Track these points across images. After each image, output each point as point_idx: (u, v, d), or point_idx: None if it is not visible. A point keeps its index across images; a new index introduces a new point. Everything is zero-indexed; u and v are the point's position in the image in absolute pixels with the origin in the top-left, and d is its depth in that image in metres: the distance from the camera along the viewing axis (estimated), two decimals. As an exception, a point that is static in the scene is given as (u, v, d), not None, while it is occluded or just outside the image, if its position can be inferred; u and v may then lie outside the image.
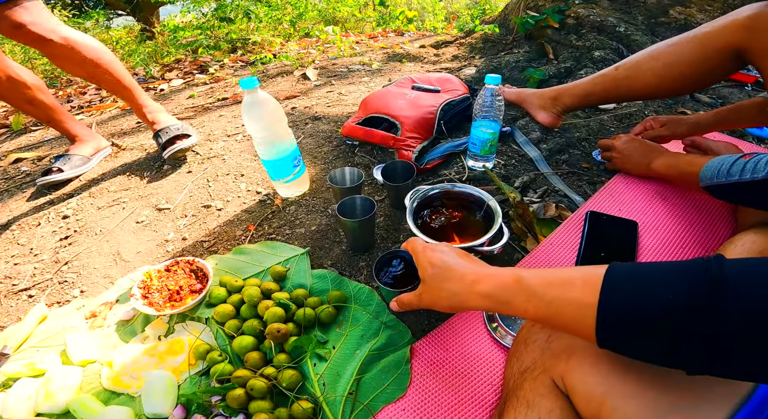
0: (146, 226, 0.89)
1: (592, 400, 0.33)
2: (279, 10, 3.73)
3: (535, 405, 0.36)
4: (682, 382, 0.32)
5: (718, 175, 0.60)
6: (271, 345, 0.57)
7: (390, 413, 0.51)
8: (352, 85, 1.60)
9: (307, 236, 0.78)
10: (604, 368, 0.34)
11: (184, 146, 1.08)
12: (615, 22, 1.63)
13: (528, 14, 1.82)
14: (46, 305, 0.72)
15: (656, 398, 0.31)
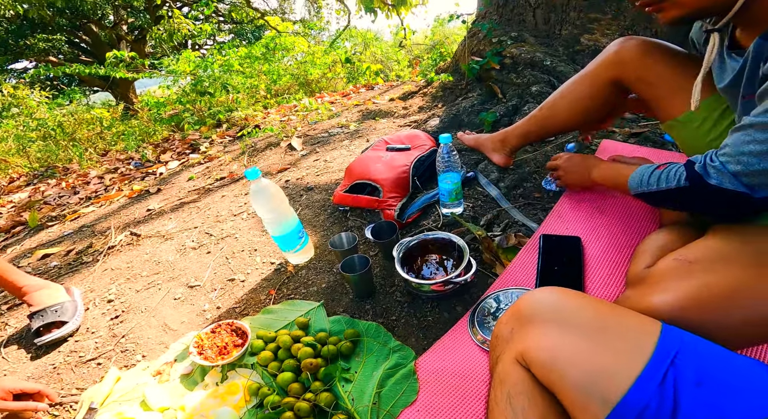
0: (183, 301, 1.13)
1: (544, 368, 0.49)
2: (254, 78, 4.21)
3: (506, 379, 0.54)
4: (608, 346, 0.47)
5: (641, 184, 0.73)
6: (308, 375, 0.79)
7: (407, 414, 0.73)
8: (335, 150, 1.93)
9: (319, 292, 1.03)
10: (550, 344, 0.51)
11: (59, 336, 1.05)
12: (542, 57, 2.01)
13: (473, 60, 2.22)
14: (118, 369, 0.94)
15: (587, 360, 0.47)
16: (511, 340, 0.55)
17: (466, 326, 0.84)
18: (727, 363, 0.44)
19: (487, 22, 2.20)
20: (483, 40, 2.26)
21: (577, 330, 0.50)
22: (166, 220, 1.65)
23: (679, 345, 0.45)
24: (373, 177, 1.29)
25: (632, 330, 0.48)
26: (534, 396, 0.50)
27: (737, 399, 0.41)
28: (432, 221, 1.17)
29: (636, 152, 1.32)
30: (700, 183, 0.62)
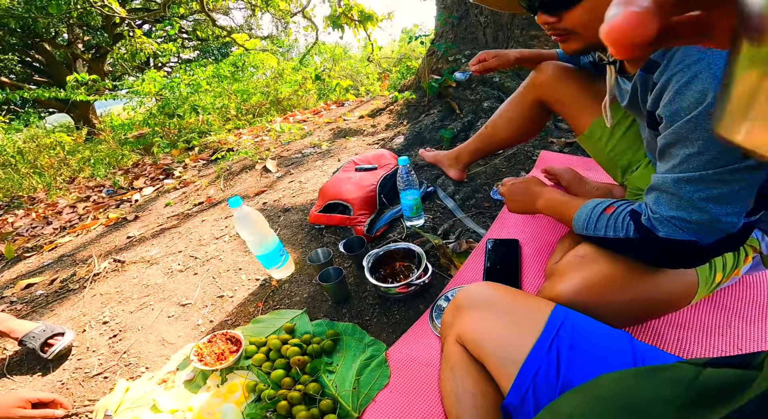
0: (177, 318, 1.28)
1: (473, 343, 0.64)
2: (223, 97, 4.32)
3: (449, 356, 0.72)
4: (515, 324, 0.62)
5: (587, 228, 0.74)
6: (297, 370, 0.97)
7: (382, 395, 0.92)
8: (309, 171, 2.12)
9: (302, 301, 1.21)
10: (476, 326, 0.68)
11: (66, 345, 1.19)
12: (492, 74, 2.27)
13: (433, 78, 2.48)
14: (125, 380, 1.08)
15: (501, 336, 0.65)
16: (452, 325, 0.73)
17: (427, 320, 1.05)
18: (595, 332, 0.59)
19: (443, 42, 2.47)
20: (441, 59, 2.53)
21: (495, 313, 0.67)
22: (148, 246, 1.78)
23: (562, 319, 0.61)
24: (344, 197, 1.49)
25: (533, 311, 0.64)
26: (469, 367, 0.68)
27: (598, 358, 0.55)
28: (397, 234, 1.38)
29: (567, 161, 1.58)
30: (649, 236, 0.63)
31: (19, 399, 0.93)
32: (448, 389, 0.69)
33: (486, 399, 0.64)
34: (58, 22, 7.25)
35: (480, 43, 2.51)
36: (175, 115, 3.78)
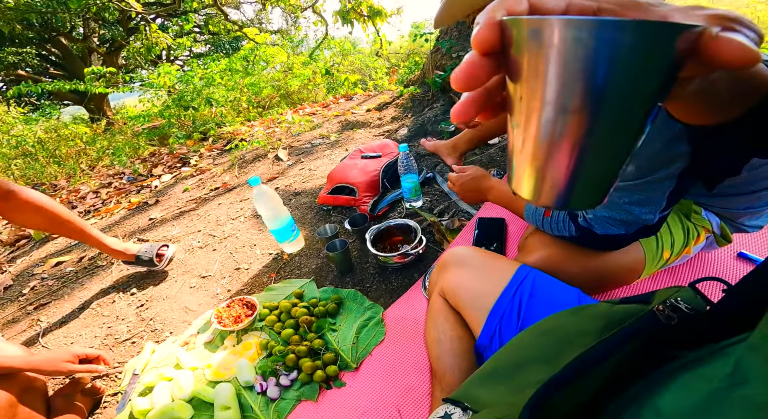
0: (198, 289, 1.44)
1: (451, 294, 0.77)
2: (236, 91, 4.48)
3: (432, 307, 0.86)
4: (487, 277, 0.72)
5: (536, 225, 0.87)
6: (305, 328, 1.12)
7: (378, 350, 1.06)
8: (318, 160, 2.26)
9: (310, 272, 1.36)
10: (455, 279, 0.81)
11: (173, 252, 1.53)
12: None
13: (437, 73, 2.60)
14: (153, 343, 1.24)
15: (474, 286, 0.78)
16: (437, 282, 0.87)
17: (420, 286, 1.18)
18: (551, 285, 0.69)
19: (447, 41, 2.58)
20: (445, 56, 2.65)
21: (472, 269, 0.80)
22: (169, 226, 1.94)
23: (526, 274, 0.71)
24: (350, 181, 1.63)
25: (502, 267, 0.75)
26: (447, 315, 0.81)
27: (550, 304, 0.65)
28: (397, 214, 1.52)
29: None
30: (589, 233, 0.76)
31: (70, 353, 1.03)
32: (430, 334, 0.81)
33: (461, 341, 0.76)
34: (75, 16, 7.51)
35: None
36: (190, 107, 3.96)
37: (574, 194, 0.21)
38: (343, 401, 0.96)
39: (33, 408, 0.92)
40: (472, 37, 0.21)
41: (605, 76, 0.17)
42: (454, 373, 0.71)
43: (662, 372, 0.34)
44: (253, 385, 1.02)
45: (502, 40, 0.20)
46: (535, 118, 0.20)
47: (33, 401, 0.95)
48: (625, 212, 0.70)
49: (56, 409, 1.00)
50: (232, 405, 0.96)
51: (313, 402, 0.97)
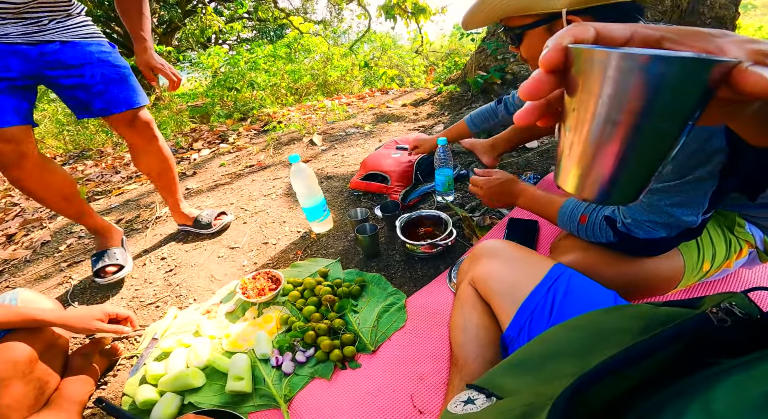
0: (225, 259, 1.46)
1: (482, 283, 0.77)
2: (276, 76, 4.56)
3: (461, 295, 0.84)
4: (521, 270, 0.72)
5: (571, 232, 0.86)
6: (327, 306, 1.11)
7: (397, 335, 1.04)
8: (351, 148, 2.26)
9: (336, 253, 1.35)
10: (487, 269, 0.79)
11: (229, 221, 1.62)
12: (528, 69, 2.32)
13: (479, 74, 2.54)
14: (177, 308, 1.26)
15: (507, 277, 0.76)
16: (467, 272, 0.85)
17: (445, 278, 1.16)
18: (587, 285, 0.67)
19: (493, 42, 2.52)
20: (489, 57, 2.59)
21: (506, 261, 0.79)
22: (204, 197, 1.99)
23: (562, 271, 0.70)
24: (384, 169, 1.61)
25: (537, 262, 0.74)
26: (476, 304, 0.79)
27: (585, 303, 0.64)
28: (428, 206, 1.49)
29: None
30: (629, 238, 0.74)
31: (102, 311, 1.02)
32: (456, 321, 0.80)
33: (488, 331, 0.75)
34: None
35: None
36: (234, 88, 4.06)
37: (613, 191, 0.25)
38: (357, 382, 0.95)
39: (51, 366, 0.93)
40: (541, 57, 0.25)
41: (648, 98, 0.21)
42: (478, 362, 0.70)
43: (704, 375, 0.33)
44: (269, 358, 1.02)
45: (565, 62, 0.24)
46: (587, 126, 0.24)
47: (53, 358, 0.95)
48: (666, 215, 0.68)
49: (72, 368, 1.00)
50: (246, 376, 0.96)
51: (326, 380, 0.96)
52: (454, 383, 0.73)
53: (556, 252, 0.90)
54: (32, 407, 0.84)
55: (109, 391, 1.02)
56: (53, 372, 0.92)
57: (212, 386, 0.98)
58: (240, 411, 0.91)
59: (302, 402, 0.92)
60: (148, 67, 1.20)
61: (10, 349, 0.84)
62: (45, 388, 0.89)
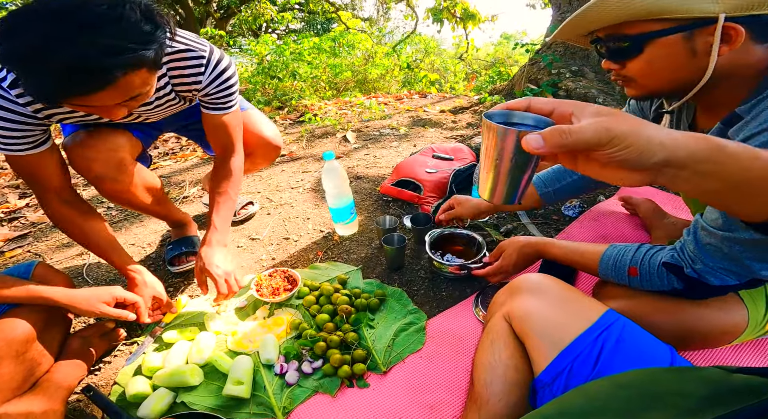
0: (244, 250, 1.40)
1: (520, 319, 0.69)
2: (318, 69, 4.53)
3: (493, 329, 0.75)
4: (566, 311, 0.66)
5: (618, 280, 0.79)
6: (342, 317, 1.03)
7: (412, 358, 0.95)
8: (384, 149, 2.17)
9: (358, 260, 1.27)
10: (527, 305, 0.70)
11: (254, 212, 1.56)
12: (596, 94, 2.15)
13: (528, 87, 2.40)
14: (188, 297, 1.21)
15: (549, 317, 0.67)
16: (503, 304, 0.76)
17: (471, 303, 1.05)
18: (642, 338, 0.62)
19: (550, 55, 2.37)
20: (542, 70, 2.44)
21: (548, 298, 0.70)
22: (232, 182, 1.94)
23: (615, 319, 0.64)
24: (418, 177, 1.51)
25: (587, 305, 0.68)
26: (508, 341, 0.71)
27: (637, 358, 0.59)
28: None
29: (654, 195, 1.47)
30: (699, 284, 0.68)
31: (110, 294, 0.94)
32: (483, 358, 0.71)
33: (517, 372, 0.67)
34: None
35: (592, 62, 2.39)
36: (276, 77, 4.05)
37: (504, 198, 0.42)
38: (362, 403, 0.86)
39: (49, 346, 0.88)
40: None
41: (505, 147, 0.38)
42: (501, 403, 0.65)
43: None
44: (273, 364, 0.95)
45: None
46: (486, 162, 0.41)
47: (52, 338, 0.90)
48: (744, 267, 0.64)
49: (69, 350, 0.95)
50: (246, 381, 0.89)
51: (330, 396, 0.88)
52: None
53: (601, 297, 0.81)
54: (16, 389, 0.79)
55: (101, 378, 0.97)
56: (47, 354, 0.87)
57: (209, 386, 0.92)
58: (234, 417, 0.85)
59: (301, 417, 0.85)
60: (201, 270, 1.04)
61: (8, 326, 0.79)
62: (35, 370, 0.84)
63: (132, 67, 0.67)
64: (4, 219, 1.80)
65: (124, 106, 0.75)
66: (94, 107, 0.73)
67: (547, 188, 1.11)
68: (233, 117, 1.05)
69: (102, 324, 1.03)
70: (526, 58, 2.65)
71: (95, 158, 0.94)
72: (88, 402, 0.90)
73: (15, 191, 2.14)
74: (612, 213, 1.40)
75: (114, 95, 0.70)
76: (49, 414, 0.78)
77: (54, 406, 0.80)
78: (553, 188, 1.11)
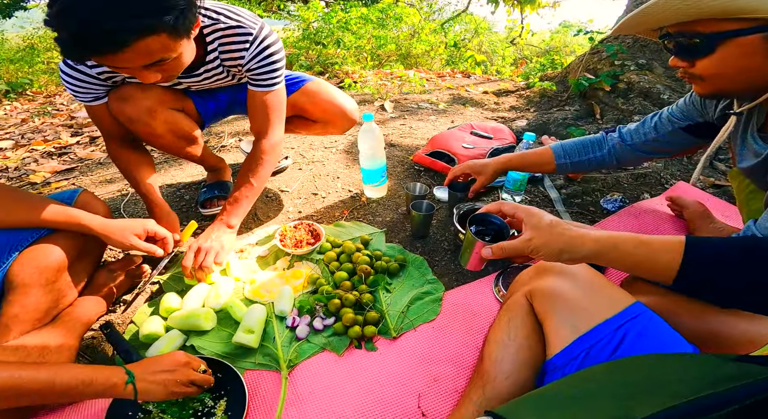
0: (273, 200, 1.39)
1: (543, 298, 0.66)
2: (363, 39, 4.41)
3: (512, 307, 0.71)
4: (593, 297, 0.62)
5: None
6: (361, 277, 1.00)
7: (424, 327, 0.92)
8: (421, 121, 2.09)
9: (383, 223, 1.23)
10: (553, 285, 0.66)
11: (287, 165, 1.55)
12: (662, 90, 1.96)
13: (584, 76, 2.23)
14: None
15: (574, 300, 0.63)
16: (527, 284, 0.72)
17: (491, 281, 1.00)
18: (667, 334, 0.58)
19: (616, 45, 2.18)
20: (604, 60, 2.26)
21: (576, 282, 0.65)
22: (267, 137, 1.93)
23: (642, 311, 0.61)
24: (453, 150, 1.44)
25: (614, 295, 0.64)
26: (526, 320, 0.67)
27: (658, 350, 0.56)
28: (490, 200, 1.32)
29: (704, 199, 1.34)
30: None
31: (142, 227, 0.92)
32: (498, 335, 0.69)
33: (530, 352, 0.64)
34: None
35: (665, 56, 2.17)
36: (320, 43, 3.98)
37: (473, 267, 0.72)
38: (367, 366, 0.85)
39: (77, 278, 0.87)
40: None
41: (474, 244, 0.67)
42: (508, 381, 0.63)
43: None
44: (285, 317, 0.94)
45: None
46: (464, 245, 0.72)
47: (82, 268, 0.90)
48: None
49: (95, 283, 0.95)
50: (257, 331, 0.88)
51: (336, 355, 0.87)
52: (473, 397, 0.65)
53: (630, 291, 0.74)
54: (39, 320, 0.78)
55: (119, 316, 0.98)
56: (73, 287, 0.87)
57: (220, 332, 0.92)
58: (239, 365, 0.84)
59: (304, 373, 0.84)
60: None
61: (42, 253, 0.78)
62: (60, 302, 0.83)
63: (146, 32, 0.69)
64: (54, 154, 1.88)
65: (155, 70, 0.77)
66: (124, 69, 0.76)
67: (566, 160, 1.04)
68: (274, 96, 1.04)
69: (130, 259, 1.03)
70: (586, 48, 2.45)
71: (128, 104, 0.99)
72: (102, 339, 0.90)
73: (68, 129, 2.22)
74: (654, 212, 1.29)
75: (134, 58, 0.72)
76: (64, 349, 0.76)
77: (69, 342, 0.78)
78: (572, 160, 1.04)
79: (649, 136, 0.95)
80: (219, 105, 1.21)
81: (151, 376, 0.65)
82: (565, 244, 0.56)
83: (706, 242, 0.53)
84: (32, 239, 0.80)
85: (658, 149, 0.96)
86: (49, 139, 2.05)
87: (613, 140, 1.01)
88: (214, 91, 1.17)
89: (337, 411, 0.76)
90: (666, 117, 0.92)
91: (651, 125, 0.95)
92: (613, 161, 1.02)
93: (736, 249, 0.51)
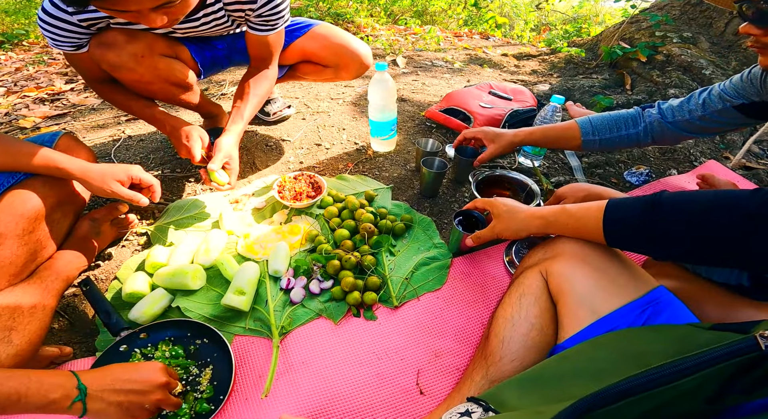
0: (273, 149, 1.26)
1: (560, 276, 0.58)
2: (377, -8, 4.03)
3: (524, 282, 0.62)
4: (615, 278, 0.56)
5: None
6: (363, 236, 0.89)
7: (428, 297, 0.82)
8: (434, 78, 1.90)
9: (389, 179, 1.11)
10: (572, 262, 0.58)
11: (289, 114, 1.42)
12: (704, 64, 1.76)
13: (619, 44, 2.00)
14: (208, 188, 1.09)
15: (595, 280, 0.56)
16: (542, 259, 0.63)
17: (503, 251, 0.90)
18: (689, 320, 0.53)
19: (661, 15, 1.93)
20: (643, 30, 2.02)
21: (598, 262, 0.58)
22: (271, 85, 1.75)
23: (667, 297, 0.56)
24: (470, 108, 1.29)
25: (638, 276, 0.58)
26: (539, 298, 0.59)
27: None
28: (507, 163, 1.18)
29: (734, 179, 1.21)
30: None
31: (125, 173, 0.80)
32: (507, 312, 0.60)
33: (541, 334, 0.57)
34: None
35: (713, 31, 1.94)
36: (331, -6, 3.63)
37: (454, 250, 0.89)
38: (365, 337, 0.75)
39: (57, 227, 0.76)
40: None
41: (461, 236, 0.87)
42: (513, 364, 0.57)
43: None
44: (280, 277, 0.83)
45: None
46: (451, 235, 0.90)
47: (62, 217, 0.78)
48: None
49: (76, 234, 0.83)
50: (248, 292, 0.78)
51: (332, 323, 0.77)
52: (475, 378, 0.59)
53: (654, 273, 0.68)
54: (14, 276, 0.67)
55: (103, 270, 0.87)
56: (52, 239, 0.75)
57: (209, 293, 0.81)
58: (227, 329, 0.75)
59: (297, 340, 0.74)
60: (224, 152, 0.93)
61: (19, 199, 0.67)
62: (38, 255, 0.72)
63: None
64: (47, 100, 1.72)
65: (161, 13, 0.71)
66: (130, 12, 0.68)
67: (594, 136, 0.89)
68: (277, 36, 1.03)
69: (114, 206, 0.90)
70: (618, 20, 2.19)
71: (111, 50, 0.89)
72: (83, 298, 0.80)
73: (63, 77, 2.03)
74: (681, 189, 1.16)
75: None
76: (38, 310, 0.65)
77: (45, 301, 0.68)
78: (601, 137, 0.89)
79: (694, 113, 0.82)
80: (216, 54, 1.09)
81: (112, 396, 0.51)
82: (518, 224, 0.67)
83: (620, 204, 0.56)
84: (7, 185, 0.69)
85: (702, 128, 0.83)
86: (42, 86, 1.89)
87: (651, 117, 0.86)
88: (211, 39, 1.07)
89: (331, 385, 0.67)
90: (717, 94, 0.80)
91: (698, 101, 0.82)
92: (648, 139, 0.88)
93: (637, 209, 0.53)
